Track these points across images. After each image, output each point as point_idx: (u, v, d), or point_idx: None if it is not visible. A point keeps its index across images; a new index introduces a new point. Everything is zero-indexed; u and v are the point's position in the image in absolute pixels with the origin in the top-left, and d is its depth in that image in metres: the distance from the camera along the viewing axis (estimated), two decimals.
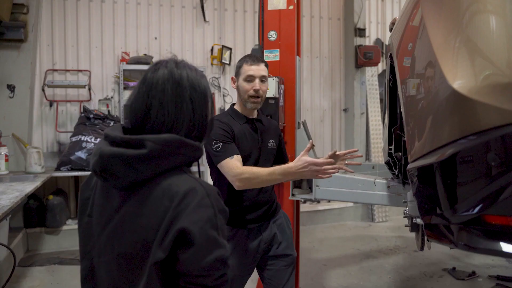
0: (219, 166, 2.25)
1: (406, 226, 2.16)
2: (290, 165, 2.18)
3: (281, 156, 2.64)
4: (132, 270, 1.16)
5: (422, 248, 2.01)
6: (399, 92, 1.59)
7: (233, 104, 2.52)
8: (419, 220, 1.77)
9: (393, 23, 2.37)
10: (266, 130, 2.52)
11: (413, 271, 4.47)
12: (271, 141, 2.53)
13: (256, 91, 2.36)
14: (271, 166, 2.51)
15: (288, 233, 2.58)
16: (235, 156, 2.24)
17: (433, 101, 1.22)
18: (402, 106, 1.53)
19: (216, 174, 2.35)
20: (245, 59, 2.41)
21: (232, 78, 2.50)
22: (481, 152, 1.10)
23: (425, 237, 1.96)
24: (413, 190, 1.39)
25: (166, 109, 1.21)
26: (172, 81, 1.24)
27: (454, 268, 4.37)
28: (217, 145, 2.26)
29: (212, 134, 2.29)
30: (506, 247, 1.10)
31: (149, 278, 1.13)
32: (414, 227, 2.06)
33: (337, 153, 2.32)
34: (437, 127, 1.20)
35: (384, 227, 6.21)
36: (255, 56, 2.43)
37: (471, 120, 1.11)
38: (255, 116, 2.48)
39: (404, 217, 2.01)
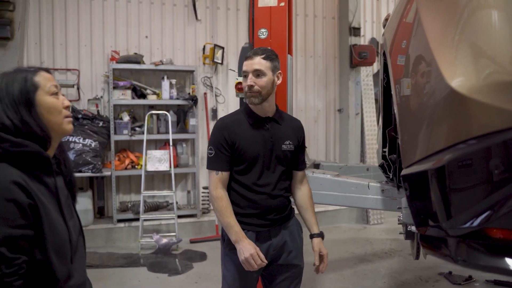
0: (207, 170, 2.26)
1: (400, 233, 2.06)
2: (244, 239, 2.15)
3: (295, 161, 2.40)
4: None
5: (417, 257, 1.91)
6: (393, 92, 1.48)
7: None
8: (414, 228, 1.67)
9: (386, 20, 2.27)
10: (281, 130, 2.32)
11: (408, 275, 4.37)
12: (287, 142, 2.32)
13: (249, 87, 2.20)
14: (285, 170, 2.34)
15: (299, 242, 2.42)
16: (220, 173, 2.21)
17: (430, 102, 1.11)
18: (395, 107, 1.42)
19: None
20: (247, 56, 2.27)
21: None
22: (482, 159, 0.99)
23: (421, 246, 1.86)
24: (407, 198, 1.28)
25: None
26: None
27: (450, 272, 4.27)
28: (211, 151, 2.24)
29: (211, 135, 2.29)
30: (511, 264, 0.99)
31: None
32: (409, 234, 1.95)
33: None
34: (434, 130, 1.09)
35: (379, 229, 6.11)
36: (256, 49, 2.28)
37: (471, 122, 1.00)
38: (270, 114, 2.30)
39: (399, 223, 1.90)
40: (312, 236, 2.44)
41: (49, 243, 1.32)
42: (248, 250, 2.11)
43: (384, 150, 2.47)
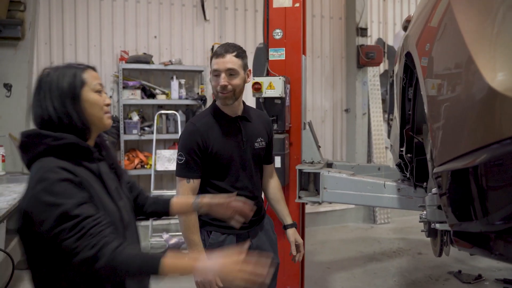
0: (176, 177, 2.16)
1: (422, 231, 2.09)
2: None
3: (266, 156, 2.39)
4: None
5: (440, 254, 1.93)
6: (422, 92, 1.51)
7: (216, 100, 2.28)
8: (438, 226, 1.69)
9: (407, 21, 2.29)
10: (253, 128, 2.28)
11: (418, 274, 4.40)
12: (259, 140, 2.29)
13: (223, 87, 2.10)
14: (259, 169, 2.35)
15: (274, 240, 2.44)
16: (192, 181, 2.13)
17: (467, 101, 1.13)
18: (426, 107, 1.45)
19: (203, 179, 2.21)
20: (214, 53, 2.14)
21: (210, 72, 2.21)
22: None
23: (444, 243, 1.89)
24: (440, 195, 1.31)
25: (33, 108, 1.47)
26: (36, 86, 1.49)
27: (460, 271, 4.30)
28: (181, 157, 2.13)
29: (181, 140, 2.18)
30: None
31: (20, 244, 1.40)
32: (431, 232, 1.98)
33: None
34: (472, 129, 1.12)
35: (387, 228, 6.14)
36: (225, 46, 2.15)
37: (509, 122, 1.03)
38: (239, 113, 2.23)
39: (420, 221, 1.93)
40: (286, 227, 2.44)
41: None
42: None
43: (401, 149, 2.49)
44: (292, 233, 2.42)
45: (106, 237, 1.33)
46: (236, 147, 2.21)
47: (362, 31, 6.49)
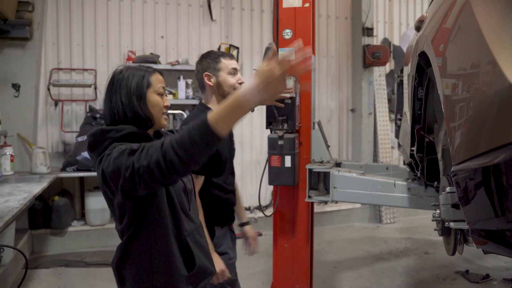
0: None
1: (435, 229, 2.09)
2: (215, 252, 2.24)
3: None
4: None
5: (454, 253, 1.94)
6: (440, 92, 1.52)
7: (201, 102, 2.45)
8: (453, 224, 1.70)
9: (420, 21, 2.30)
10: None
11: (426, 273, 4.41)
12: (233, 140, 2.54)
13: (241, 83, 2.33)
14: None
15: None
16: (199, 177, 2.25)
17: (488, 100, 1.14)
18: (443, 106, 1.46)
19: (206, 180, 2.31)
20: (221, 55, 2.36)
21: (206, 75, 2.34)
22: None
23: (458, 242, 1.90)
24: (459, 193, 1.32)
25: (104, 103, 1.69)
26: (109, 81, 1.69)
27: (467, 271, 4.30)
28: None
29: None
30: None
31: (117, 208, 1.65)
32: (445, 231, 1.99)
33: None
34: (494, 128, 1.12)
35: (392, 228, 6.14)
36: (224, 52, 2.46)
37: None
38: None
39: (433, 220, 1.93)
40: (244, 224, 2.69)
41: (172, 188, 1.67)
42: (222, 263, 2.20)
43: (412, 149, 2.50)
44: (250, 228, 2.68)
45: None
46: (227, 146, 2.38)
47: (368, 31, 6.50)
